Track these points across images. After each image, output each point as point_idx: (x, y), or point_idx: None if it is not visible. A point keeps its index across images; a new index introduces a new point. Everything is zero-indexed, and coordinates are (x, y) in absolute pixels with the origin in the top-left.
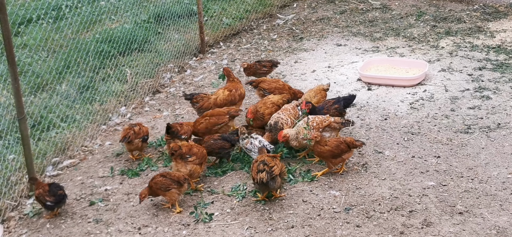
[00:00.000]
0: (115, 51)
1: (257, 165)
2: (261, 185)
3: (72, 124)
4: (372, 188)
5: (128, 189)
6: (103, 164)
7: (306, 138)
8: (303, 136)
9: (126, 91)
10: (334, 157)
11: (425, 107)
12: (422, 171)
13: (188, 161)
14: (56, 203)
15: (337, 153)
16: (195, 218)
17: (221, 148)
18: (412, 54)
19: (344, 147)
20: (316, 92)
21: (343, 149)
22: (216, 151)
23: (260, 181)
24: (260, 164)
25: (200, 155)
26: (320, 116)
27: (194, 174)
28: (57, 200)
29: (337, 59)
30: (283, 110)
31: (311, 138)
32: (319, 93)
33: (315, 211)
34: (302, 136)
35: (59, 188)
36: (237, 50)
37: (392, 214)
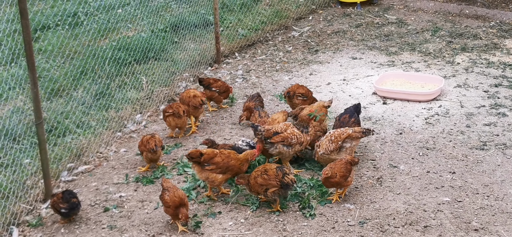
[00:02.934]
0: (132, 59)
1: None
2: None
3: (88, 130)
4: (387, 202)
5: (143, 196)
6: (117, 170)
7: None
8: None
9: (142, 99)
10: (345, 178)
11: (441, 122)
12: (437, 187)
13: (205, 168)
14: (70, 210)
15: (347, 174)
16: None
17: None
18: (427, 70)
19: (350, 167)
20: (317, 109)
21: (349, 168)
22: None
23: (292, 183)
24: (278, 169)
25: (223, 165)
26: (339, 129)
27: (215, 182)
28: (70, 207)
29: (352, 73)
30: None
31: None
32: (320, 110)
33: (330, 224)
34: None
35: (72, 195)
36: (252, 61)
37: (407, 229)
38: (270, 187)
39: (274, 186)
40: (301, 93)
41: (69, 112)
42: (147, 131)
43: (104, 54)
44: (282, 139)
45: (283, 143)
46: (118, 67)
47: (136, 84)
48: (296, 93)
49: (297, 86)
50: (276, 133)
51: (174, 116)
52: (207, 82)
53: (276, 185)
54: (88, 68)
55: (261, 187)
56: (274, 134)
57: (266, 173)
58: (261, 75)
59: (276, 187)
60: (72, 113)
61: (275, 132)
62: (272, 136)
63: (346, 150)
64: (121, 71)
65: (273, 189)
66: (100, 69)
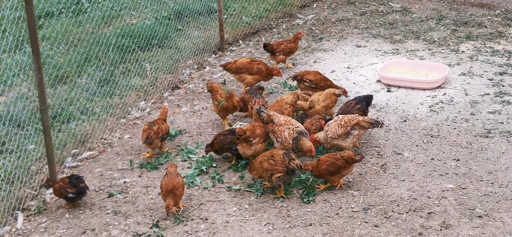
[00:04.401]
0: (135, 46)
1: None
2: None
3: (92, 116)
4: (391, 188)
5: (147, 182)
6: (122, 156)
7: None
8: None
9: (146, 86)
10: (331, 174)
11: (445, 110)
12: (441, 174)
13: (252, 143)
14: (78, 195)
15: (333, 170)
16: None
17: (232, 143)
18: (432, 58)
19: (342, 163)
20: (326, 96)
21: (340, 165)
22: (227, 146)
23: (298, 168)
24: (285, 155)
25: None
26: (348, 115)
27: (261, 151)
28: (78, 192)
29: (356, 60)
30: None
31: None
32: (329, 97)
33: (334, 210)
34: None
35: (80, 180)
36: (256, 48)
37: (411, 215)
38: (276, 172)
39: (280, 172)
40: (308, 80)
41: (73, 98)
42: (151, 117)
43: (108, 41)
44: (272, 130)
45: (273, 133)
46: (122, 54)
47: (140, 71)
48: (303, 79)
49: (306, 72)
50: (273, 121)
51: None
52: (272, 48)
53: (282, 171)
54: (92, 55)
55: (266, 172)
56: (272, 121)
57: (272, 158)
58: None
59: (282, 172)
60: (77, 100)
61: (272, 120)
62: (269, 122)
63: (353, 137)
64: (125, 58)
65: (278, 175)
66: (104, 56)
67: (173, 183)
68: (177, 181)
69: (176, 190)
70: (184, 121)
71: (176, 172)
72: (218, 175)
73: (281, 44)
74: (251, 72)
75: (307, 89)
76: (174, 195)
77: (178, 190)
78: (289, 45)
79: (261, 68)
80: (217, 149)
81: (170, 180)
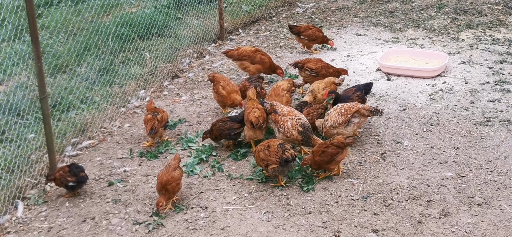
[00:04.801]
0: (135, 35)
1: (277, 147)
2: (284, 165)
3: (92, 105)
4: (390, 177)
5: (147, 171)
6: (122, 145)
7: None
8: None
9: (145, 75)
10: (327, 163)
11: (445, 99)
12: (441, 162)
13: (277, 114)
14: (78, 183)
15: (327, 159)
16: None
17: (230, 129)
18: (432, 46)
19: (333, 150)
20: (326, 84)
21: (332, 152)
22: (225, 132)
23: (292, 158)
24: (279, 146)
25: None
26: (348, 103)
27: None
28: (79, 180)
29: (356, 49)
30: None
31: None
32: (329, 86)
33: (333, 198)
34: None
35: (80, 169)
36: (256, 37)
37: (410, 203)
38: (270, 163)
39: (274, 163)
40: (309, 68)
41: (73, 88)
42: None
43: (108, 30)
44: (275, 120)
45: (275, 123)
46: (121, 43)
47: (139, 60)
48: (304, 67)
49: (307, 60)
50: (276, 111)
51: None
52: (297, 30)
53: (276, 162)
54: (91, 44)
55: (262, 161)
56: (274, 111)
57: (268, 148)
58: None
59: (275, 164)
60: (76, 89)
61: (275, 109)
62: (272, 112)
63: (354, 125)
64: (124, 47)
65: (273, 166)
66: (103, 45)
67: (167, 177)
68: (172, 175)
69: (168, 185)
70: (184, 109)
71: (175, 166)
72: (218, 163)
73: (309, 29)
74: (254, 61)
75: (308, 78)
76: (166, 190)
77: (171, 184)
78: (317, 33)
79: (264, 59)
80: (216, 135)
81: (166, 173)
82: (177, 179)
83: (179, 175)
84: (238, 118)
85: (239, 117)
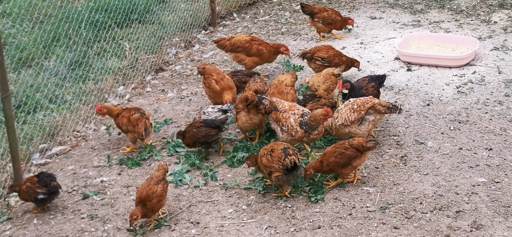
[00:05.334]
0: (112, 22)
1: (280, 152)
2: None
3: (63, 105)
4: (413, 184)
5: (128, 181)
6: (98, 151)
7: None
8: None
9: (125, 68)
10: (342, 166)
11: (475, 91)
12: (471, 166)
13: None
14: (49, 195)
15: (343, 162)
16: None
17: (207, 135)
18: (459, 30)
19: (352, 153)
20: (326, 77)
21: (350, 155)
22: (201, 140)
23: (293, 164)
24: (283, 151)
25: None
26: (362, 98)
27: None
28: (50, 192)
29: (371, 35)
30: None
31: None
32: (328, 78)
33: (346, 210)
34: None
35: (51, 178)
36: (253, 22)
37: (436, 215)
38: (274, 170)
39: (277, 170)
40: (320, 57)
41: (40, 84)
42: (132, 105)
43: (80, 16)
44: (276, 119)
45: (277, 122)
46: (96, 31)
47: (117, 52)
48: (314, 57)
49: (317, 48)
50: (276, 108)
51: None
52: (310, 10)
53: (279, 170)
54: (61, 34)
55: (266, 168)
56: (275, 109)
57: (271, 153)
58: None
59: (279, 171)
60: (44, 86)
61: (275, 107)
62: (272, 110)
63: (369, 123)
64: (100, 37)
65: (276, 174)
66: (75, 34)
67: (147, 192)
68: (152, 190)
69: (148, 201)
70: (170, 108)
71: (159, 178)
72: (210, 171)
73: (324, 11)
74: (249, 53)
75: (320, 69)
76: (144, 206)
77: (151, 201)
78: (334, 16)
79: (261, 49)
80: (189, 143)
81: (146, 187)
82: (159, 195)
83: (162, 190)
84: (215, 123)
85: (217, 122)
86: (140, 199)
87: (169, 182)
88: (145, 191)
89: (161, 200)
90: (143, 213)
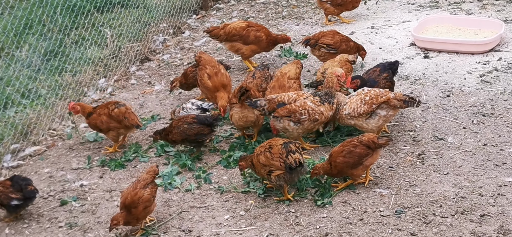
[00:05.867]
0: (91, 6)
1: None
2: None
3: (37, 100)
4: (431, 185)
5: (111, 185)
6: (77, 152)
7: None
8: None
9: (106, 58)
10: (352, 166)
11: (501, 80)
12: (497, 164)
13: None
14: (24, 201)
15: (353, 161)
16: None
17: (199, 134)
18: (482, 11)
19: (362, 150)
20: (341, 63)
21: (360, 153)
22: (191, 138)
23: (295, 164)
24: (284, 146)
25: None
26: (377, 89)
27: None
28: (26, 197)
29: (383, 18)
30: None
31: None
32: (344, 64)
33: (356, 215)
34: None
35: (27, 182)
36: (250, 5)
37: (458, 219)
38: (274, 168)
39: (278, 168)
40: (325, 44)
41: (11, 77)
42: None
43: (55, 1)
44: (288, 112)
45: (289, 117)
46: (73, 17)
47: (98, 40)
48: (318, 43)
49: (321, 33)
50: (282, 104)
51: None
52: None
53: (280, 167)
54: (34, 20)
55: (264, 168)
56: (279, 105)
57: (270, 150)
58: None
59: (280, 169)
60: (16, 79)
61: (280, 103)
62: (276, 107)
63: (379, 118)
64: (77, 23)
65: (277, 172)
66: (50, 21)
67: (132, 197)
68: (138, 195)
69: (133, 208)
70: (158, 103)
71: (146, 181)
72: (204, 172)
73: None
74: (247, 41)
75: (325, 56)
76: (129, 212)
77: (137, 208)
78: None
79: (260, 36)
80: (176, 139)
81: (131, 191)
82: (145, 201)
83: (149, 195)
84: (209, 120)
85: (210, 120)
86: (124, 205)
87: (158, 186)
88: (130, 196)
89: (148, 206)
90: (126, 220)
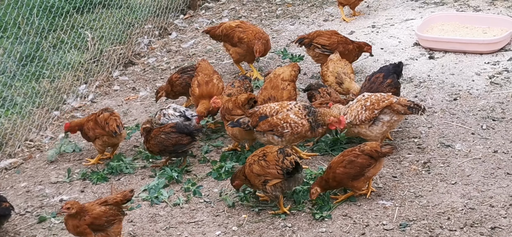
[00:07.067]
0: (70, 7)
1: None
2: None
3: (12, 109)
4: (438, 195)
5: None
6: (56, 164)
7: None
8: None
9: (87, 63)
10: (353, 178)
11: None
12: (509, 172)
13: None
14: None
15: (354, 172)
16: None
17: (177, 144)
18: (491, 8)
19: (364, 160)
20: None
21: (362, 163)
22: (170, 148)
23: (294, 164)
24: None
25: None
26: (378, 93)
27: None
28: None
29: (384, 16)
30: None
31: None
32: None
33: (358, 229)
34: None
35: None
36: (241, 4)
37: (467, 232)
38: (270, 177)
39: (276, 177)
40: (321, 44)
41: None
42: (96, 107)
43: (31, 1)
44: (270, 126)
45: (272, 131)
46: (51, 19)
47: (78, 43)
48: (313, 43)
49: (317, 33)
50: (264, 116)
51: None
52: None
53: (278, 175)
54: (8, 22)
55: (258, 178)
56: (261, 118)
57: (264, 158)
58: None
59: (278, 177)
60: None
61: (261, 116)
62: (258, 121)
63: (383, 124)
64: (55, 25)
65: (274, 181)
66: (25, 23)
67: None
68: (92, 216)
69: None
70: (143, 110)
71: (107, 201)
72: (193, 185)
73: None
74: (232, 42)
75: (320, 58)
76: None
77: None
78: None
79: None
80: (153, 150)
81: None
82: (99, 215)
83: (105, 212)
84: (189, 129)
85: (190, 128)
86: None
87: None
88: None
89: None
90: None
